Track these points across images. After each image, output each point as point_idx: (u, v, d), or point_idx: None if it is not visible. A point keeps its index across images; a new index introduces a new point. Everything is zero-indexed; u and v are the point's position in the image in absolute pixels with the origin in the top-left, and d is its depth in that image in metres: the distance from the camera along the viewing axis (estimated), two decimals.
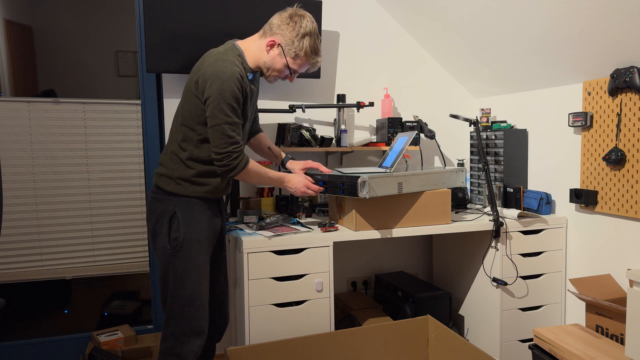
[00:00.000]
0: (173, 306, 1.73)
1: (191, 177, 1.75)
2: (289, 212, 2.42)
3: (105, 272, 2.78)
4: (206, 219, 1.78)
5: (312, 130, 2.53)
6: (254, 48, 1.81)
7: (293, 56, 1.79)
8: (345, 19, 2.79)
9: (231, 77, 1.67)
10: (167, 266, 1.74)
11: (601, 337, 1.97)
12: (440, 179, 2.19)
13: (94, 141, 2.71)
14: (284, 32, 1.75)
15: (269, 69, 1.82)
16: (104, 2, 3.64)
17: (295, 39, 1.75)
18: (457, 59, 2.79)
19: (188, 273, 1.72)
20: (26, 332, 2.86)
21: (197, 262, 1.74)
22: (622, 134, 2.05)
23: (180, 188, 1.75)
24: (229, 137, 1.68)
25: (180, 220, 1.73)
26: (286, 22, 1.76)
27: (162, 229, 1.75)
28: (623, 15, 1.78)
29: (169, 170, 1.77)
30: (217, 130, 1.67)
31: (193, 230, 1.74)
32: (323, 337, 1.91)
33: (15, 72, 3.23)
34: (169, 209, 1.75)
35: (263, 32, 1.81)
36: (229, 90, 1.66)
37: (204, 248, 1.76)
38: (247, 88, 1.75)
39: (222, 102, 1.66)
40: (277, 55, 1.78)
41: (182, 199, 1.75)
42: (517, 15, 2.15)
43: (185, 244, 1.72)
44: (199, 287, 1.74)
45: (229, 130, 1.68)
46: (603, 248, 2.20)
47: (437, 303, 2.44)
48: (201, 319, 1.75)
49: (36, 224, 2.63)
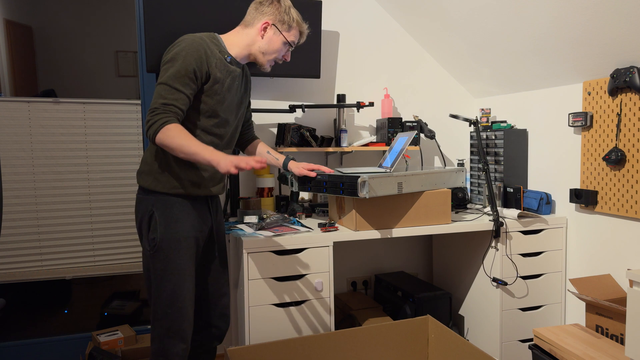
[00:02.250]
0: (156, 308, 1.70)
1: (167, 169, 1.69)
2: (289, 212, 2.42)
3: (105, 272, 2.78)
4: (189, 218, 1.72)
5: (312, 130, 2.53)
6: (240, 38, 1.80)
7: (287, 29, 1.81)
8: (345, 19, 2.79)
9: (191, 45, 1.63)
10: (148, 267, 1.72)
11: (601, 337, 1.97)
12: (440, 179, 2.19)
13: (94, 141, 2.71)
14: (272, 11, 1.78)
15: (266, 52, 1.80)
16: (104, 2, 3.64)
17: (284, 13, 1.79)
18: (457, 59, 2.79)
19: (168, 274, 1.68)
20: (26, 332, 2.87)
21: (178, 263, 1.68)
22: (622, 134, 2.05)
23: (158, 185, 1.69)
24: (162, 98, 1.58)
25: (158, 220, 1.68)
26: (268, 3, 1.79)
27: (143, 230, 1.72)
28: (623, 15, 1.78)
29: (148, 165, 1.72)
30: (156, 89, 1.60)
31: (172, 230, 1.68)
32: (323, 337, 1.91)
33: (15, 72, 3.23)
34: (148, 209, 1.70)
35: (245, 24, 1.81)
36: (182, 56, 1.61)
37: (185, 249, 1.70)
38: (215, 65, 1.69)
39: (172, 67, 1.60)
40: (273, 35, 1.79)
41: (161, 198, 1.69)
42: (517, 15, 2.15)
43: (163, 245, 1.67)
44: (180, 289, 1.69)
45: (166, 93, 1.58)
46: (603, 248, 2.20)
47: (437, 303, 2.44)
48: (183, 322, 1.70)
49: (36, 224, 2.63)
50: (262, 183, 2.53)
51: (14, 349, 2.55)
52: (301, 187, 2.09)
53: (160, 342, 1.70)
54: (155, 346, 1.71)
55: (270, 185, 2.55)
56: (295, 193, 2.48)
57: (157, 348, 1.70)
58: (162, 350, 1.70)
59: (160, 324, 1.70)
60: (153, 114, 1.56)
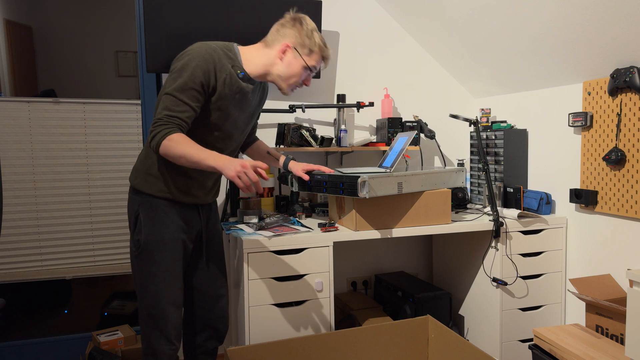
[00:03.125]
0: (142, 308, 1.70)
1: (158, 172, 1.66)
2: (289, 212, 2.42)
3: (105, 272, 2.78)
4: (174, 220, 1.69)
5: (312, 130, 2.53)
6: (259, 56, 1.73)
7: (308, 53, 1.72)
8: (345, 19, 2.79)
9: (202, 56, 1.58)
10: (133, 268, 1.71)
11: (601, 337, 1.97)
12: (440, 179, 2.19)
13: (94, 141, 2.71)
14: (293, 33, 1.71)
15: (285, 76, 1.73)
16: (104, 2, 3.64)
17: (306, 37, 1.71)
18: (457, 59, 2.79)
19: (152, 276, 1.66)
20: (26, 332, 2.87)
21: (162, 265, 1.66)
22: (622, 134, 2.05)
23: (145, 185, 1.67)
24: (167, 109, 1.53)
25: (142, 222, 1.66)
26: (290, 25, 1.72)
27: (130, 230, 1.72)
28: (623, 15, 1.78)
29: (141, 163, 1.70)
30: (161, 99, 1.55)
31: (156, 232, 1.66)
32: (323, 337, 1.91)
33: (15, 72, 3.23)
34: (134, 209, 1.68)
35: (266, 43, 1.74)
36: (191, 67, 1.56)
37: (170, 250, 1.68)
38: (223, 80, 1.63)
39: (179, 77, 1.55)
40: (292, 59, 1.72)
41: (146, 199, 1.67)
42: (517, 15, 2.15)
43: (148, 246, 1.65)
44: (164, 291, 1.67)
45: (172, 104, 1.53)
46: (603, 248, 2.20)
47: (437, 303, 2.45)
48: (167, 323, 1.69)
49: (36, 224, 2.63)
50: (262, 183, 2.53)
51: (14, 349, 2.55)
52: (301, 187, 2.09)
53: (148, 342, 1.70)
54: (144, 345, 1.72)
55: (270, 185, 2.55)
56: (295, 193, 2.49)
57: (147, 347, 1.71)
58: (150, 349, 1.70)
59: (146, 324, 1.70)
60: (156, 124, 1.52)
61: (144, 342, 1.72)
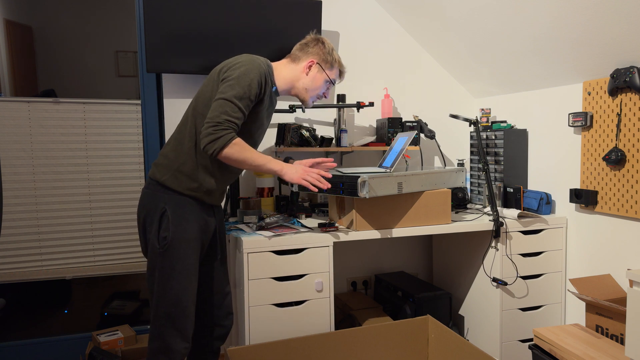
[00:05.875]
0: (159, 306, 1.70)
1: (190, 170, 1.71)
2: (289, 212, 2.42)
3: (105, 272, 2.78)
4: (197, 219, 1.74)
5: (312, 130, 2.53)
6: (286, 72, 1.92)
7: (329, 68, 1.96)
8: (345, 19, 2.79)
9: (258, 69, 1.71)
10: (155, 265, 1.71)
11: (601, 337, 1.97)
12: (440, 179, 2.19)
13: (94, 141, 2.71)
14: (317, 51, 1.93)
15: (309, 89, 1.94)
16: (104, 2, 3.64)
17: (327, 54, 1.95)
18: (456, 58, 2.79)
19: (176, 274, 1.69)
20: (26, 332, 2.86)
21: (186, 262, 1.71)
22: (622, 134, 2.05)
23: (175, 182, 1.70)
24: (227, 115, 1.62)
25: (170, 219, 1.69)
26: (313, 44, 1.94)
27: (151, 226, 1.71)
28: (623, 15, 1.78)
29: (170, 160, 1.73)
30: (219, 103, 1.63)
31: (183, 230, 1.70)
32: (323, 337, 1.91)
33: (15, 72, 3.23)
34: (159, 205, 1.70)
35: (292, 59, 1.94)
36: (249, 78, 1.67)
37: (193, 249, 1.73)
38: (267, 92, 1.79)
39: (237, 85, 1.66)
40: (317, 73, 1.93)
41: (174, 196, 1.70)
42: (517, 15, 2.15)
43: (174, 244, 1.68)
44: (186, 289, 1.71)
45: (231, 110, 1.63)
46: (603, 248, 2.20)
47: (437, 303, 2.45)
48: (186, 321, 1.72)
49: (36, 224, 2.63)
50: (262, 183, 2.53)
51: (14, 349, 2.55)
52: (301, 187, 2.09)
53: (162, 340, 1.70)
54: (156, 344, 1.71)
55: (270, 185, 2.55)
56: (295, 193, 2.49)
57: (159, 346, 1.71)
58: (163, 347, 1.70)
59: (162, 323, 1.70)
60: (217, 127, 1.61)
61: (157, 340, 1.71)
